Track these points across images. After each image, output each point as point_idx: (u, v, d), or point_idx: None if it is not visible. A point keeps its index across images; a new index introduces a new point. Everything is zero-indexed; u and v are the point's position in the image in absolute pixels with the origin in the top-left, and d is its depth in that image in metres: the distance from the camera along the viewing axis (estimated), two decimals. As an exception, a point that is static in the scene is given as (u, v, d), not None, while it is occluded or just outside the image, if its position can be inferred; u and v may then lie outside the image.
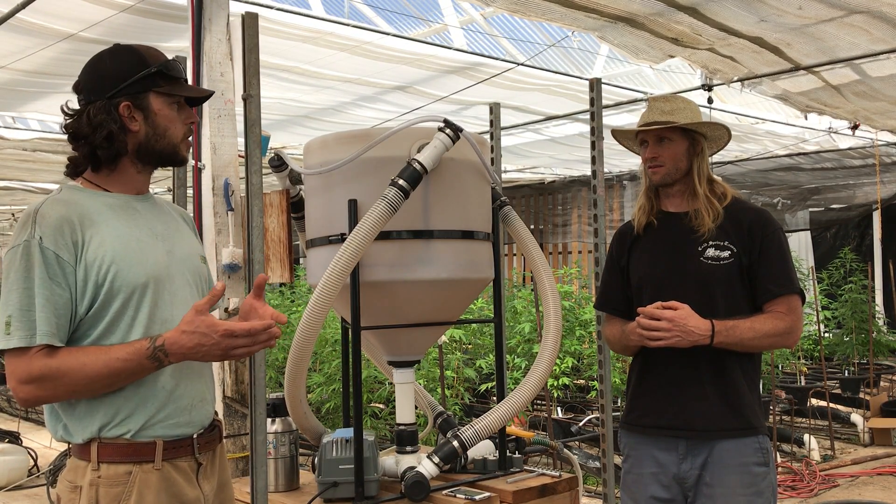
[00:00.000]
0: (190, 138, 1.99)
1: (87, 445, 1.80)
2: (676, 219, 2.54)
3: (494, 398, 3.53)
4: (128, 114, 1.86)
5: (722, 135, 2.58)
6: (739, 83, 5.97)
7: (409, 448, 2.75)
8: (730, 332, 2.34)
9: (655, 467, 2.47)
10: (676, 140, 2.50)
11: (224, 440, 3.19)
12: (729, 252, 2.43)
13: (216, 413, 2.05)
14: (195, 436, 1.90)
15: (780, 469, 5.85)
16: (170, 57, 1.98)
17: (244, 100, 2.70)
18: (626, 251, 2.63)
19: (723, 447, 2.39)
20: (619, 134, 2.68)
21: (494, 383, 4.00)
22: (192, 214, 3.34)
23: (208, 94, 2.06)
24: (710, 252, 2.44)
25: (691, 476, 2.41)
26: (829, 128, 8.65)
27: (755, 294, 2.43)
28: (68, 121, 1.89)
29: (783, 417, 7.18)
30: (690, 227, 2.48)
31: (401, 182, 2.44)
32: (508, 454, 2.87)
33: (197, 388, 1.93)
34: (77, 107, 1.89)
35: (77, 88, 1.91)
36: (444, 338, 6.12)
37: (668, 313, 2.33)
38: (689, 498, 2.43)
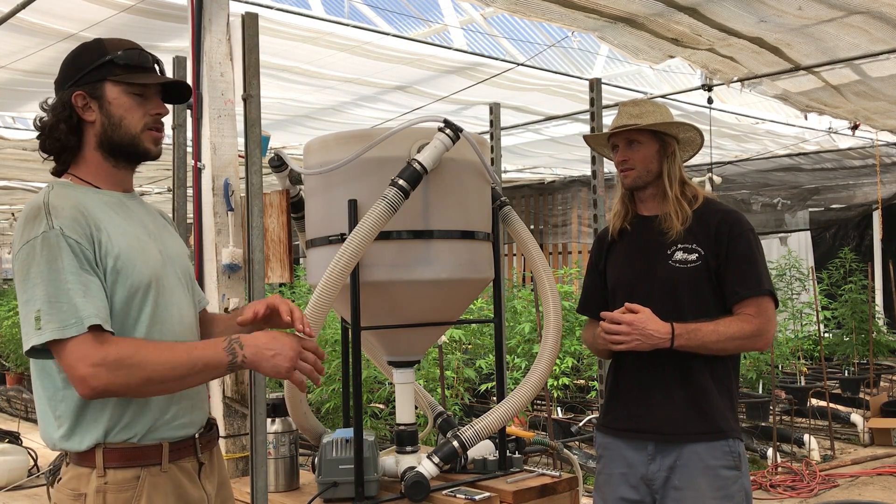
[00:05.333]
0: (158, 130, 1.91)
1: (90, 452, 1.75)
2: (648, 222, 2.54)
3: (494, 398, 3.53)
4: (82, 104, 1.82)
5: (694, 137, 2.57)
6: (739, 83, 5.97)
7: (409, 448, 2.75)
8: (691, 335, 2.33)
9: (625, 468, 2.47)
10: (646, 143, 2.50)
11: (221, 439, 3.19)
12: (696, 255, 2.42)
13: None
14: (197, 435, 1.89)
15: (780, 469, 5.86)
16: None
17: (244, 100, 2.70)
18: (604, 255, 2.64)
19: (691, 450, 2.37)
20: (591, 140, 2.71)
21: (494, 383, 3.99)
22: (192, 214, 3.34)
23: (180, 87, 1.97)
24: (678, 255, 2.43)
25: (658, 478, 2.40)
26: (829, 128, 8.65)
27: (724, 296, 2.42)
28: (41, 116, 1.87)
29: (783, 417, 7.18)
30: (660, 231, 2.48)
31: (401, 182, 2.44)
32: (508, 454, 2.87)
33: (196, 387, 1.91)
34: None
35: (54, 84, 1.89)
36: (444, 338, 6.12)
37: (627, 317, 2.33)
38: (657, 500, 2.41)
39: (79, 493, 1.75)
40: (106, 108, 1.83)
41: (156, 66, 1.92)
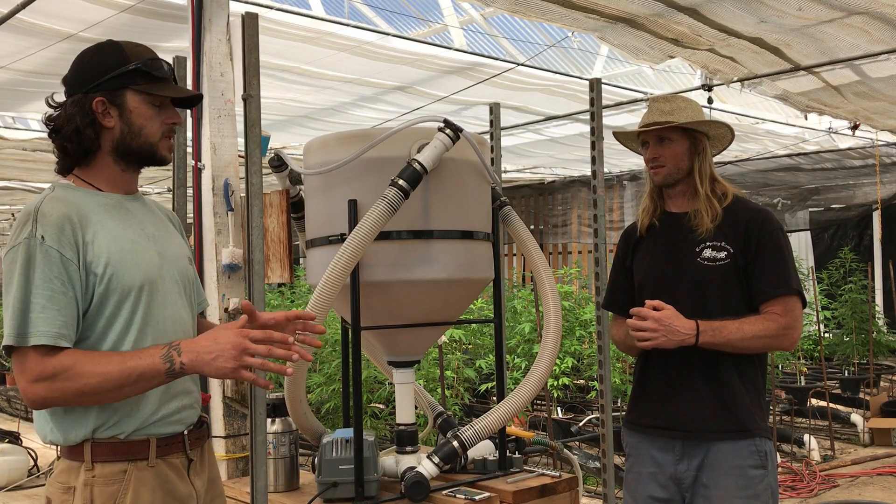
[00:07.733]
0: (171, 138, 1.95)
1: (79, 446, 1.78)
2: (677, 219, 2.54)
3: (494, 398, 3.53)
4: (102, 109, 1.83)
5: (725, 133, 2.56)
6: (739, 83, 5.97)
7: (409, 448, 2.75)
8: (716, 332, 2.33)
9: (653, 467, 2.48)
10: (677, 140, 2.49)
11: (221, 439, 3.19)
12: (725, 253, 2.42)
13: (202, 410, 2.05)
14: (186, 432, 1.90)
15: (779, 469, 5.85)
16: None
17: (244, 100, 2.70)
18: (631, 252, 2.64)
19: (718, 449, 2.38)
20: (621, 135, 2.68)
21: (494, 383, 4.00)
22: (192, 214, 3.34)
23: (192, 95, 2.01)
24: (707, 253, 2.44)
25: (688, 477, 2.41)
26: (829, 128, 8.66)
27: (752, 295, 2.42)
28: (50, 113, 1.87)
29: (783, 417, 7.18)
30: (689, 228, 2.48)
31: (401, 182, 2.44)
32: (508, 454, 2.87)
33: (186, 386, 1.92)
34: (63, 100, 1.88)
35: (64, 81, 1.89)
36: (444, 338, 6.12)
37: (654, 314, 2.33)
38: (687, 498, 2.43)
39: (68, 486, 1.78)
40: (126, 116, 1.85)
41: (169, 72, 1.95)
